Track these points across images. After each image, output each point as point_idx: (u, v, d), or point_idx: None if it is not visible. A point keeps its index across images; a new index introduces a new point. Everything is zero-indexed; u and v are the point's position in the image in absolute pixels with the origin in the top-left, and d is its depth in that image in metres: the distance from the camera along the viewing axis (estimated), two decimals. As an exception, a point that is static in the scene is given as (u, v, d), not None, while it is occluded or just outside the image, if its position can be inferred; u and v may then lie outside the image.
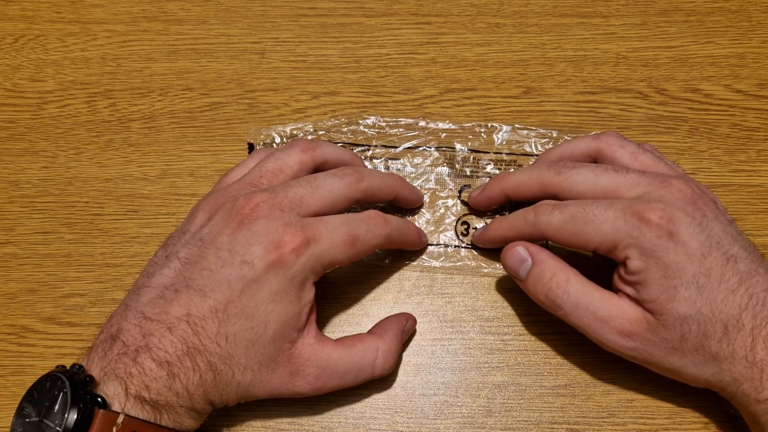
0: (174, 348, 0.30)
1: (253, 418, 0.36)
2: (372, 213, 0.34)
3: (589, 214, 0.32)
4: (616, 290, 0.34)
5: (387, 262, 0.40)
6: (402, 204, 0.40)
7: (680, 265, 0.31)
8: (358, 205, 0.37)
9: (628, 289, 0.33)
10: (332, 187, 0.34)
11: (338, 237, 0.32)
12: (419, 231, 0.39)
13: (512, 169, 0.42)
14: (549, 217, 0.33)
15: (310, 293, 0.32)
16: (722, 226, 0.32)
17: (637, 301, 0.32)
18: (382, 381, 0.37)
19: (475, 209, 0.41)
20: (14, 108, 0.45)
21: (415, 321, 0.37)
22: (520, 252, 0.35)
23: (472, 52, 0.47)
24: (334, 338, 0.34)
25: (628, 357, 0.33)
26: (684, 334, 0.31)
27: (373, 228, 0.34)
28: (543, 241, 0.36)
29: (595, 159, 0.37)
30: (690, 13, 0.48)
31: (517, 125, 0.43)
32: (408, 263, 0.40)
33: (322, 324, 0.38)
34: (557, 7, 0.48)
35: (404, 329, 0.36)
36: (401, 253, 0.40)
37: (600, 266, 0.36)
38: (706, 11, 0.48)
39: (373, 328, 0.36)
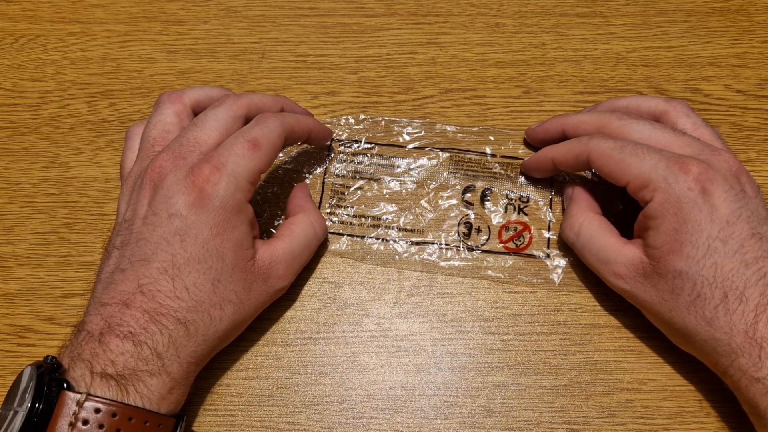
0: (135, 320, 0.30)
1: (253, 419, 0.36)
2: (260, 115, 0.36)
3: (638, 149, 0.34)
4: (635, 236, 0.35)
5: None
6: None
7: (698, 224, 0.31)
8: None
9: (642, 233, 0.34)
10: (216, 115, 0.35)
11: (239, 148, 0.33)
12: (318, 122, 0.40)
13: (519, 172, 0.42)
14: (601, 141, 0.35)
15: (248, 211, 0.34)
16: (757, 206, 0.33)
17: (644, 246, 0.34)
18: (383, 381, 0.37)
19: (531, 142, 0.42)
20: (14, 108, 0.45)
21: (306, 185, 0.41)
22: (568, 190, 0.39)
23: (472, 52, 0.47)
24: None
25: (623, 296, 0.36)
26: (675, 288, 0.32)
27: (264, 125, 0.35)
28: (583, 168, 0.38)
29: (659, 120, 0.38)
30: (690, 13, 0.48)
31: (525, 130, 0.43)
32: (408, 263, 0.40)
33: (322, 324, 0.38)
34: (557, 7, 0.48)
35: (310, 194, 0.40)
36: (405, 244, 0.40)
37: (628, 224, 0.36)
38: (706, 11, 0.48)
39: (290, 209, 0.38)
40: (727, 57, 0.46)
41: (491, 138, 0.43)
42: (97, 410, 0.28)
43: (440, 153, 0.43)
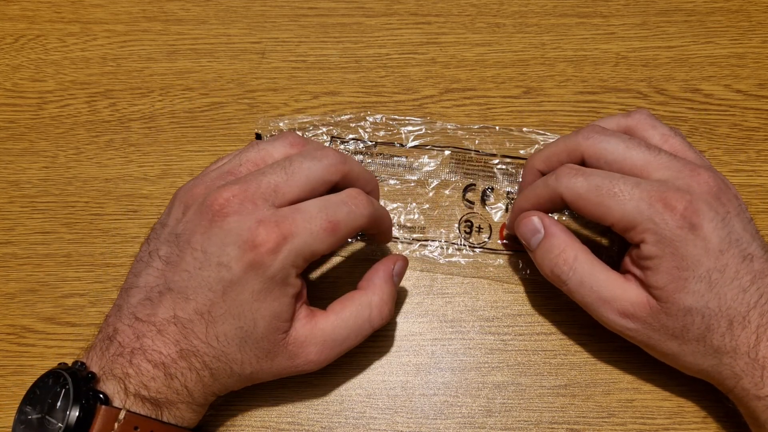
0: (167, 349, 0.30)
1: (253, 418, 0.36)
2: (352, 191, 0.32)
3: (615, 188, 0.32)
4: (624, 271, 0.34)
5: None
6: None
7: (696, 258, 0.31)
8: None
9: (637, 272, 0.32)
10: (309, 171, 0.31)
11: (317, 225, 0.30)
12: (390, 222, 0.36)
13: (519, 172, 0.42)
14: (571, 181, 0.32)
15: (295, 285, 0.31)
16: (743, 224, 0.32)
17: (644, 285, 0.32)
18: (383, 381, 0.37)
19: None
20: (14, 108, 0.45)
21: (404, 260, 0.36)
22: (534, 222, 0.34)
23: (472, 52, 0.47)
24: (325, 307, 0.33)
25: (627, 337, 0.33)
26: (686, 325, 0.31)
27: (354, 209, 0.31)
28: (561, 209, 0.35)
29: (627, 133, 0.35)
30: (690, 13, 0.48)
31: (525, 128, 0.43)
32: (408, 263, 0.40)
33: (322, 324, 0.38)
34: (557, 7, 0.48)
35: (393, 273, 0.35)
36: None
37: (609, 247, 0.36)
38: (706, 11, 0.48)
39: (361, 281, 0.34)
40: (727, 57, 0.46)
41: (491, 137, 0.43)
42: (136, 427, 0.28)
43: (441, 151, 0.43)
